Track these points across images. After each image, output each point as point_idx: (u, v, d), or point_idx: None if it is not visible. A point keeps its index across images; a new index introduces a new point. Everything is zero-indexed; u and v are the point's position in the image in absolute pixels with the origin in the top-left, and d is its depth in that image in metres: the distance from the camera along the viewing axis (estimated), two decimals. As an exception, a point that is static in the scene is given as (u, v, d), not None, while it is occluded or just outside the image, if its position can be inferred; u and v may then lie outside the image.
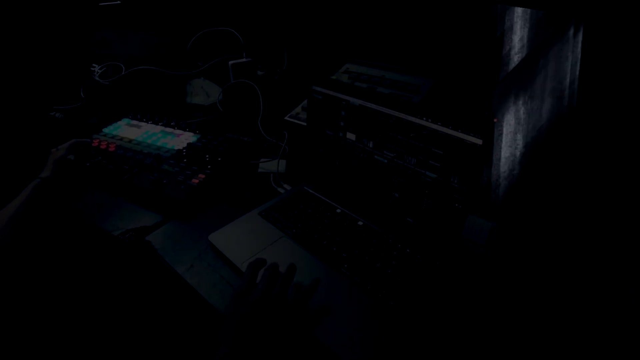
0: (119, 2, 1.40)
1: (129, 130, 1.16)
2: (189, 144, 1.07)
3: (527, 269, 0.74)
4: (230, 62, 1.34)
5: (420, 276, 0.70)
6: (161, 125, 1.18)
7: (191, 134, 1.13)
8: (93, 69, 1.35)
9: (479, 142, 0.64)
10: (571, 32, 0.87)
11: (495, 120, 0.84)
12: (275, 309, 0.58)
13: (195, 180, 0.92)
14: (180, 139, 1.11)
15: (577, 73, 0.89)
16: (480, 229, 0.80)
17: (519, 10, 0.84)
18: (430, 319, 0.65)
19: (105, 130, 1.17)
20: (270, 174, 0.98)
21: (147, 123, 1.20)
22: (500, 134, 0.84)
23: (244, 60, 1.34)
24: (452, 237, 0.72)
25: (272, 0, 1.34)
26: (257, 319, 0.57)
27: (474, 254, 0.76)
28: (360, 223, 0.82)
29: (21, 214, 0.84)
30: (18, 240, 0.82)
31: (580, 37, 0.87)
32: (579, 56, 0.88)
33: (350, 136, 0.81)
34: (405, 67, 1.12)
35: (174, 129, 1.16)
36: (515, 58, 0.85)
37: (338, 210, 0.85)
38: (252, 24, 1.39)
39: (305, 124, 1.05)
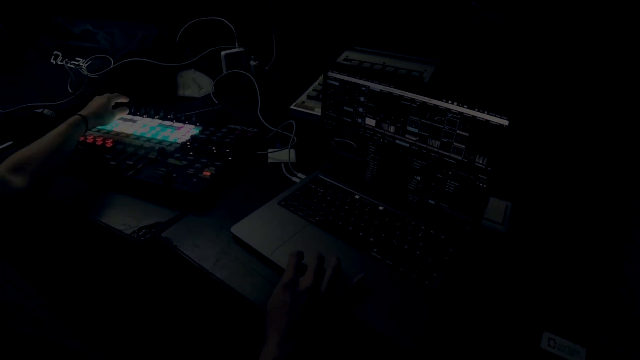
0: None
1: (124, 125, 1.12)
2: (192, 137, 1.04)
3: (540, 242, 0.77)
4: (223, 53, 1.31)
5: (447, 255, 0.72)
6: (158, 118, 1.15)
7: (192, 126, 1.10)
8: (77, 62, 1.29)
9: (505, 122, 0.66)
10: None
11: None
12: (325, 299, 0.59)
13: (207, 173, 0.90)
14: (181, 132, 1.08)
15: None
16: (497, 208, 0.83)
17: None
18: (462, 294, 0.67)
19: (99, 125, 1.13)
20: (281, 163, 0.97)
21: (142, 117, 1.16)
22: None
23: (236, 50, 1.32)
24: (476, 216, 0.74)
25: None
26: (311, 310, 0.57)
27: (491, 232, 0.79)
28: (381, 208, 0.83)
29: (58, 144, 0.86)
30: (53, 171, 0.84)
31: None
32: None
33: (370, 122, 0.81)
34: (404, 53, 1.13)
35: (173, 121, 1.13)
36: None
37: (357, 197, 0.86)
38: (243, 12, 1.37)
39: (312, 112, 1.05)
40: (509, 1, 0.91)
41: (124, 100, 1.14)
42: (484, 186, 0.72)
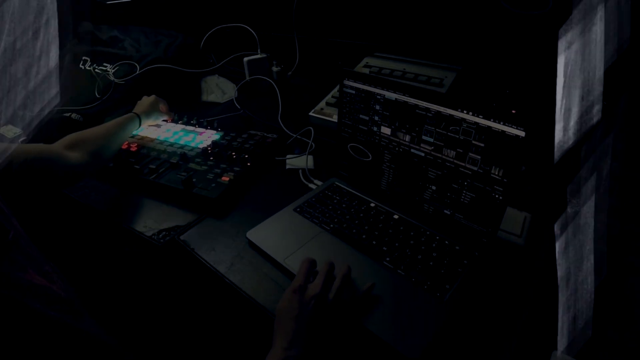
0: (129, -1, 1.39)
1: (149, 130, 1.15)
2: (213, 142, 1.06)
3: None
4: (246, 59, 1.33)
5: (461, 267, 0.71)
6: (181, 123, 1.18)
7: (213, 131, 1.12)
8: (104, 67, 1.34)
9: (522, 134, 0.65)
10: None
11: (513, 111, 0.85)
12: (332, 307, 0.60)
13: (226, 178, 0.92)
14: (202, 137, 1.10)
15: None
16: (515, 219, 0.82)
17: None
18: (474, 307, 0.66)
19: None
20: (298, 169, 0.98)
21: (167, 122, 1.19)
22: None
23: (259, 56, 1.34)
24: (492, 227, 0.73)
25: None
26: (318, 316, 0.58)
27: (508, 243, 0.78)
28: (395, 216, 0.83)
29: (115, 131, 0.96)
30: (106, 153, 0.92)
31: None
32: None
33: (385, 130, 0.81)
34: (425, 59, 1.13)
35: (195, 127, 1.15)
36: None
37: (372, 205, 0.86)
38: (266, 19, 1.39)
39: (330, 119, 1.06)
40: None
41: (165, 109, 1.18)
42: (500, 197, 0.71)
